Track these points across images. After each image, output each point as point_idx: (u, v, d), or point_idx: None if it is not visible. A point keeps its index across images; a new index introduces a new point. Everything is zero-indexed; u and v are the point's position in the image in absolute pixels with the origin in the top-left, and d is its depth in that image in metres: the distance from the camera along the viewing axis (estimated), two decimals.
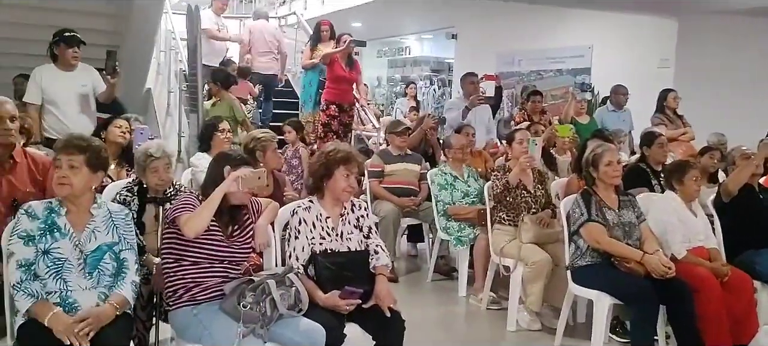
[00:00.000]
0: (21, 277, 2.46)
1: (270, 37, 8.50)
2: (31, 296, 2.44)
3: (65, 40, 4.72)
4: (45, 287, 2.50)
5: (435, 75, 14.76)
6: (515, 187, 4.35)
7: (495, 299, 4.64)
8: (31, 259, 2.49)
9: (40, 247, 2.51)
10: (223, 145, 4.41)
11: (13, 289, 2.45)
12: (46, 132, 4.76)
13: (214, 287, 2.71)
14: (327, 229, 3.02)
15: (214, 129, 4.55)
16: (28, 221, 2.52)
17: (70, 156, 2.56)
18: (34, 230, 2.52)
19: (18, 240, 2.50)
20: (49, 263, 2.51)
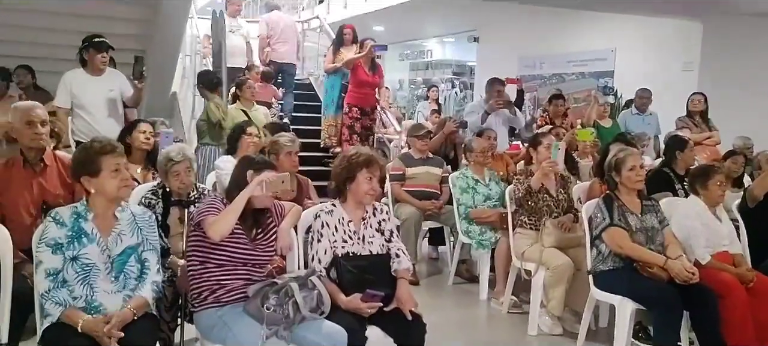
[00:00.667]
0: (49, 286, 2.51)
1: (286, 26, 8.71)
2: (60, 304, 2.50)
3: (95, 45, 4.81)
4: (72, 293, 2.55)
5: (457, 78, 14.75)
6: (538, 191, 4.34)
7: (516, 303, 4.63)
8: (58, 267, 2.54)
9: (69, 254, 2.55)
10: (249, 149, 4.46)
11: (42, 298, 2.49)
12: (75, 135, 4.87)
13: (238, 289, 2.75)
14: (349, 232, 3.05)
15: (242, 132, 4.60)
16: (56, 229, 2.56)
17: (122, 159, 2.67)
18: (62, 238, 2.55)
19: (46, 249, 2.53)
20: (77, 269, 2.56)
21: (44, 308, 2.50)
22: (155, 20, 6.63)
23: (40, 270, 2.52)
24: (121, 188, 2.66)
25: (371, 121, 7.38)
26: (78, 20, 6.30)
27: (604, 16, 9.51)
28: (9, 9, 6.26)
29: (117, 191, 2.65)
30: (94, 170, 2.60)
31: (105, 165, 2.61)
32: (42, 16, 6.36)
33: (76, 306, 2.53)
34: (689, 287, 3.42)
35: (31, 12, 6.31)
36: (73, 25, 6.22)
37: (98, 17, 6.33)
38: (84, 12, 6.35)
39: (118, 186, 2.64)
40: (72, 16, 6.35)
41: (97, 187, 2.62)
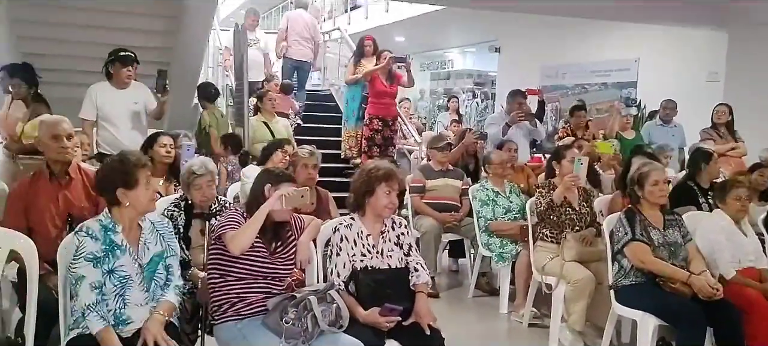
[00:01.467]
0: (95, 299, 2.53)
1: (306, 26, 8.84)
2: (103, 319, 2.52)
3: (120, 59, 4.90)
4: (106, 306, 2.58)
5: (478, 88, 14.71)
6: (560, 205, 4.31)
7: (537, 316, 4.60)
8: (101, 280, 2.57)
9: (105, 268, 2.58)
10: (279, 164, 4.50)
11: (88, 309, 2.51)
12: (100, 147, 4.95)
13: (258, 302, 2.77)
14: (368, 246, 3.06)
15: (278, 148, 4.64)
16: (92, 243, 2.58)
17: (149, 172, 2.71)
18: (99, 252, 2.58)
19: (86, 263, 2.55)
20: (115, 282, 2.59)
21: (86, 319, 2.51)
22: (178, 33, 6.73)
23: (85, 284, 2.52)
24: (151, 200, 2.71)
25: (392, 133, 7.38)
26: (103, 33, 6.42)
27: (627, 26, 9.43)
28: (36, 22, 6.41)
29: (148, 203, 2.70)
30: (131, 183, 2.64)
31: (141, 178, 2.65)
32: (69, 29, 6.49)
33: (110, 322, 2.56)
34: (713, 303, 3.36)
35: (57, 25, 6.45)
36: (99, 37, 6.35)
37: (122, 30, 6.44)
38: (109, 25, 6.46)
39: (149, 198, 2.69)
40: (97, 28, 6.47)
41: (132, 199, 2.65)
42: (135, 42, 5.76)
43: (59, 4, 6.22)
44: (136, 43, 5.64)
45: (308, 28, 8.86)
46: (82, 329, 2.54)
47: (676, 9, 7.70)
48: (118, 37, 6.04)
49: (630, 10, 7.80)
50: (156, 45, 6.82)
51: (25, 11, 6.26)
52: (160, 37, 6.86)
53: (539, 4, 7.72)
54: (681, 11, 7.78)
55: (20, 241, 2.78)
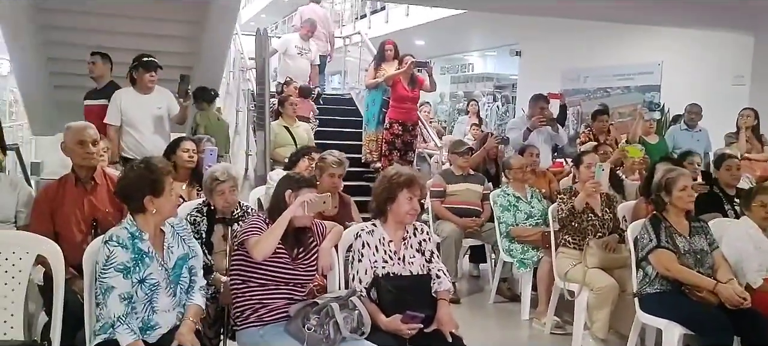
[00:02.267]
0: (125, 311, 2.53)
1: (320, 20, 9.05)
2: (133, 332, 2.52)
3: (144, 64, 4.96)
4: (134, 312, 2.60)
5: (498, 92, 14.66)
6: (581, 211, 4.27)
7: (559, 324, 4.55)
8: (130, 292, 2.57)
9: (135, 277, 2.59)
10: (305, 172, 4.51)
11: (118, 321, 2.52)
12: (124, 152, 5.01)
13: (280, 308, 2.78)
14: (389, 252, 3.05)
15: (304, 155, 4.67)
16: (122, 253, 2.58)
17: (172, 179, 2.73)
18: (129, 261, 2.58)
19: (116, 274, 2.55)
20: (146, 291, 2.61)
21: (116, 331, 2.51)
22: (201, 38, 6.79)
23: (114, 294, 2.52)
24: (174, 206, 2.73)
25: (412, 137, 7.36)
26: (127, 38, 6.50)
27: (650, 29, 9.34)
28: (62, 28, 6.51)
29: (173, 210, 2.73)
30: (158, 190, 2.64)
31: (167, 185, 2.67)
32: (93, 35, 6.58)
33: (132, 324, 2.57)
34: (740, 312, 3.30)
35: (82, 31, 6.54)
36: (123, 43, 6.42)
37: (146, 36, 6.52)
38: (133, 30, 6.54)
39: (173, 204, 2.72)
40: (121, 34, 6.56)
41: (158, 206, 2.65)
42: (158, 47, 5.83)
43: (84, 10, 6.31)
44: (160, 49, 5.70)
45: (322, 22, 9.02)
46: (108, 335, 2.56)
47: (701, 12, 7.59)
48: (141, 43, 6.13)
49: (654, 14, 7.72)
50: (179, 50, 6.89)
51: (51, 17, 6.36)
52: (183, 43, 6.93)
53: (561, 7, 7.67)
54: (706, 14, 7.67)
55: (47, 246, 2.82)
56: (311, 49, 8.49)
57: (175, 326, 2.68)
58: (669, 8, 7.54)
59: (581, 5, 7.46)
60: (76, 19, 6.44)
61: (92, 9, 6.31)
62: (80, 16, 6.40)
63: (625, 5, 7.40)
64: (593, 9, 7.59)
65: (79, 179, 3.36)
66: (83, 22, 6.45)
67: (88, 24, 6.47)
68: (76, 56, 6.85)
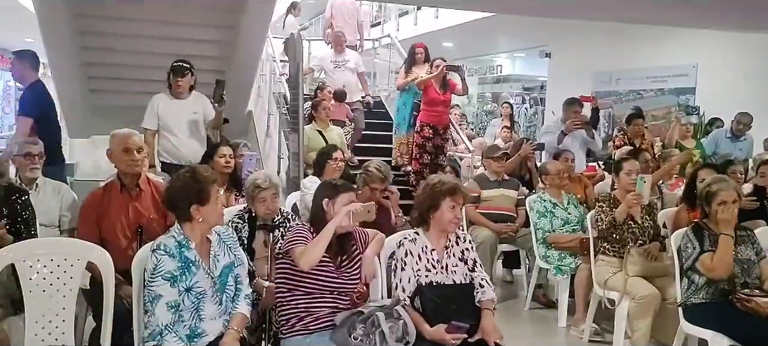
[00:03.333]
0: (172, 319, 2.57)
1: (350, 11, 9.11)
2: (181, 340, 2.56)
3: (174, 70, 5.00)
4: (182, 321, 2.63)
5: (527, 93, 14.54)
6: (622, 222, 4.20)
7: (597, 332, 4.50)
8: (178, 300, 2.60)
9: (182, 286, 2.62)
10: (334, 173, 4.53)
11: (166, 329, 2.55)
12: (161, 156, 5.06)
13: (325, 316, 2.79)
14: (432, 261, 3.04)
15: (328, 157, 4.68)
16: (170, 261, 2.60)
17: (218, 186, 2.74)
18: (176, 270, 2.61)
19: (164, 282, 2.58)
20: (193, 299, 2.63)
21: (164, 339, 2.55)
22: (235, 43, 6.83)
23: (162, 303, 2.56)
24: (221, 214, 2.75)
25: (443, 141, 7.34)
26: (162, 43, 6.57)
27: (685, 30, 9.18)
28: (99, 33, 6.60)
29: (219, 218, 2.75)
30: (204, 199, 2.66)
31: (213, 193, 2.68)
32: (129, 39, 6.66)
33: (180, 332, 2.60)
34: None
35: (118, 36, 6.62)
36: (158, 47, 6.50)
37: (181, 40, 6.57)
38: (168, 35, 6.61)
39: (220, 213, 2.74)
40: (157, 38, 6.62)
41: (204, 215, 2.67)
42: (192, 52, 5.87)
43: (121, 16, 6.39)
44: (194, 53, 5.75)
45: (352, 13, 9.10)
46: (156, 342, 2.58)
47: (739, 13, 7.44)
48: (176, 47, 6.18)
49: (689, 16, 7.57)
50: (212, 55, 6.94)
51: (89, 23, 6.46)
52: (216, 47, 6.98)
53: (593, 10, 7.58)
54: (745, 15, 7.51)
55: (98, 253, 2.86)
56: (349, 58, 8.26)
57: (221, 333, 2.71)
58: (705, 10, 7.39)
59: (614, 8, 7.36)
60: (112, 24, 6.52)
61: (128, 15, 6.39)
62: (117, 21, 6.48)
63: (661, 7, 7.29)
64: (627, 11, 7.48)
65: (124, 186, 3.40)
66: (119, 28, 6.53)
67: (124, 29, 6.54)
68: (111, 61, 6.97)
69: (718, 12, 7.34)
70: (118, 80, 7.21)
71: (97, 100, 7.38)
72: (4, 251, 2.77)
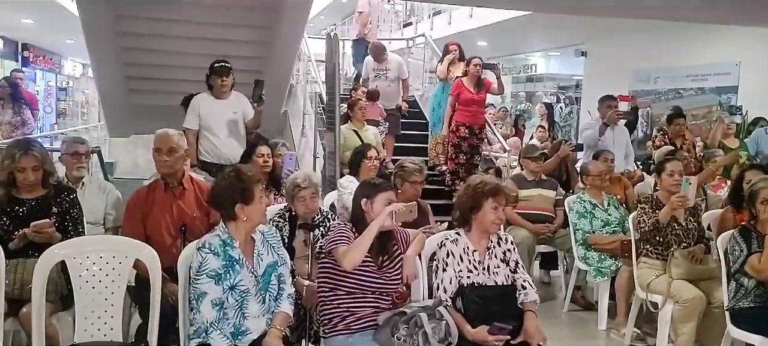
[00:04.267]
0: (216, 317, 2.61)
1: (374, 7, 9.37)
2: (226, 338, 2.60)
3: (216, 70, 5.06)
4: (226, 319, 2.66)
5: (562, 92, 14.38)
6: (666, 225, 4.12)
7: (639, 335, 4.42)
8: (222, 298, 2.64)
9: (226, 284, 2.65)
10: (370, 172, 4.54)
11: (211, 326, 2.59)
12: (202, 156, 5.12)
13: (367, 316, 2.80)
14: (474, 262, 3.02)
15: (363, 156, 4.69)
16: (214, 259, 2.64)
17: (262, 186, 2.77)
18: (220, 268, 2.65)
19: (208, 280, 2.62)
20: (236, 298, 2.67)
21: (210, 336, 2.59)
22: (271, 43, 6.90)
23: (207, 301, 2.60)
24: (264, 213, 2.77)
25: (478, 141, 7.30)
26: (200, 44, 6.66)
27: (727, 28, 8.96)
28: (139, 34, 6.73)
29: (262, 217, 2.77)
30: (248, 198, 2.69)
31: (256, 193, 2.71)
32: (168, 40, 6.78)
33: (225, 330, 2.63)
34: None
35: (158, 37, 6.74)
36: (197, 48, 6.59)
37: (219, 41, 6.65)
38: (206, 36, 6.70)
39: (263, 212, 2.76)
40: (195, 39, 6.73)
41: (248, 214, 2.69)
42: (230, 52, 5.94)
43: (160, 17, 6.50)
44: (231, 53, 5.81)
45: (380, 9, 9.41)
46: (202, 339, 2.63)
47: None
48: (214, 48, 6.26)
49: (731, 13, 7.40)
50: (250, 55, 7.01)
51: (130, 24, 6.58)
52: (253, 48, 7.05)
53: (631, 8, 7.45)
54: None
55: (145, 251, 2.92)
56: (390, 67, 8.07)
57: (264, 332, 2.74)
58: (748, 7, 7.22)
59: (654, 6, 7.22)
60: (152, 25, 6.64)
61: (167, 16, 6.49)
62: (156, 22, 6.60)
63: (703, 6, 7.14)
64: (666, 10, 7.33)
65: (168, 185, 3.45)
66: (159, 29, 6.65)
67: (163, 30, 6.66)
68: (150, 61, 7.10)
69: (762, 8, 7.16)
70: (156, 80, 7.33)
71: (135, 100, 7.53)
72: (56, 248, 2.84)
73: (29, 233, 3.06)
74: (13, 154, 3.16)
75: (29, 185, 3.19)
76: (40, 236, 3.06)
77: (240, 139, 5.21)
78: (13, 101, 8.04)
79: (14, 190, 3.21)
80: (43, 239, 3.05)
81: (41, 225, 3.07)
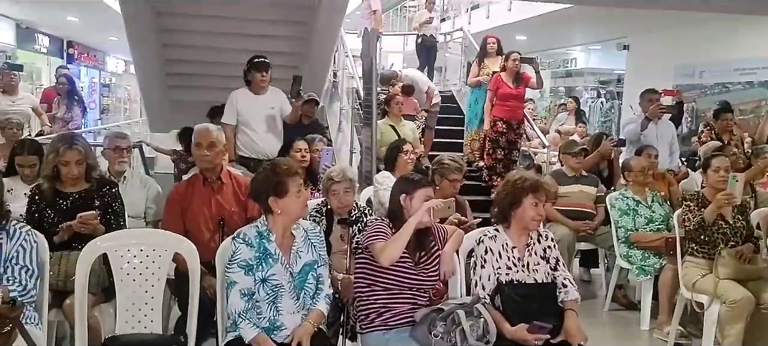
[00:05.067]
0: (245, 306, 2.63)
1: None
2: (256, 326, 2.62)
3: (255, 66, 5.10)
4: (259, 313, 2.67)
5: (602, 87, 14.10)
6: (712, 223, 3.99)
7: (683, 335, 4.30)
8: (252, 288, 2.66)
9: (258, 275, 2.67)
10: (405, 166, 4.52)
11: (239, 317, 2.61)
12: (240, 150, 5.17)
13: (404, 313, 2.77)
14: (513, 259, 2.97)
15: (399, 151, 4.66)
16: (247, 250, 2.67)
17: (301, 180, 2.77)
18: (252, 259, 2.67)
19: (239, 270, 2.65)
20: (268, 291, 2.68)
21: (239, 327, 2.61)
22: (308, 39, 6.91)
23: (235, 290, 2.63)
24: (303, 207, 2.76)
25: (517, 136, 7.21)
26: (239, 39, 6.71)
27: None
28: (180, 31, 6.81)
29: (300, 210, 2.76)
30: (282, 191, 2.69)
31: (291, 186, 2.70)
32: (208, 36, 6.84)
33: (259, 324, 2.64)
34: None
35: (198, 33, 6.81)
36: (235, 44, 6.64)
37: (257, 37, 6.70)
38: (245, 32, 6.75)
39: (301, 206, 2.75)
40: (234, 35, 6.78)
41: (283, 207, 2.70)
42: (267, 48, 5.97)
43: (199, 13, 6.57)
44: (269, 49, 5.84)
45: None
46: (236, 332, 2.64)
47: None
48: (252, 43, 6.30)
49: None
50: (287, 50, 7.04)
51: (171, 21, 6.67)
52: (291, 43, 7.07)
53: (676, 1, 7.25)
54: None
55: (184, 245, 2.95)
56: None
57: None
58: None
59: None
60: (191, 22, 6.72)
61: (207, 12, 6.56)
62: (196, 19, 6.66)
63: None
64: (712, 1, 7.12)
65: (207, 179, 3.48)
66: (198, 25, 6.71)
67: (203, 26, 6.73)
68: (190, 57, 7.17)
69: None
70: (195, 76, 7.41)
71: (175, 95, 7.63)
72: (98, 241, 2.89)
73: (75, 225, 3.12)
74: (58, 148, 3.23)
75: (73, 178, 3.25)
76: (86, 228, 3.12)
77: (277, 134, 5.24)
78: (68, 98, 8.25)
79: (58, 183, 3.28)
80: (87, 231, 3.11)
81: (87, 216, 3.12)
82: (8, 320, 2.39)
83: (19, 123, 6.05)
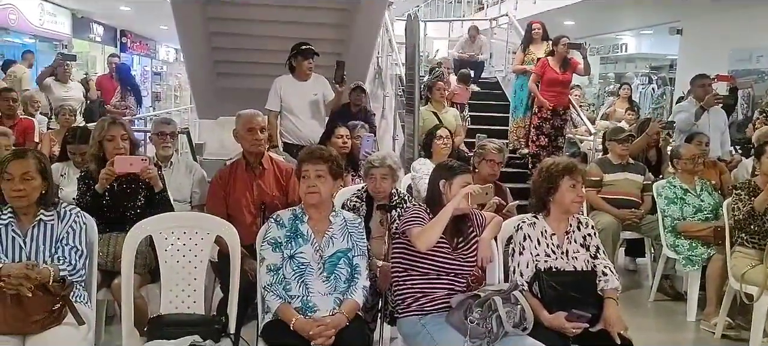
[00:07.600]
0: (270, 280, 2.74)
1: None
2: (279, 297, 2.71)
3: (302, 52, 5.15)
4: (289, 291, 2.74)
5: (654, 73, 13.69)
6: (763, 212, 3.85)
7: (731, 327, 4.17)
8: (278, 264, 2.77)
9: (287, 253, 2.77)
10: (441, 152, 4.50)
11: (264, 290, 2.74)
12: (284, 137, 5.25)
13: (441, 298, 2.77)
14: (552, 246, 2.94)
15: (433, 137, 4.65)
16: (277, 229, 2.81)
17: (317, 166, 2.80)
18: (281, 238, 2.79)
19: (267, 246, 2.79)
20: (294, 268, 2.77)
21: (266, 300, 2.73)
22: (352, 25, 6.94)
23: (263, 266, 2.77)
24: (305, 192, 2.81)
25: (562, 122, 7.09)
26: (283, 27, 6.79)
27: None
28: (226, 19, 6.93)
29: (304, 195, 2.83)
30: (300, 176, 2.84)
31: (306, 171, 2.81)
32: (253, 24, 6.94)
33: (292, 304, 2.70)
34: None
35: (243, 21, 6.92)
36: (279, 31, 6.72)
37: (301, 24, 6.76)
38: (289, 19, 6.82)
39: (304, 191, 2.82)
40: (278, 23, 6.86)
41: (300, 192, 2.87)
42: (311, 35, 6.02)
43: (245, 2, 6.67)
44: (312, 36, 5.88)
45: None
46: (273, 314, 2.71)
47: None
48: (296, 31, 6.37)
49: None
50: (330, 37, 7.08)
51: (218, 10, 6.79)
52: (334, 30, 7.12)
53: None
54: None
55: (226, 228, 3.02)
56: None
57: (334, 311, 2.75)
58: None
59: None
60: (237, 10, 6.82)
61: (252, 0, 6.66)
62: (242, 7, 6.77)
63: None
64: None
65: (249, 164, 3.55)
66: (244, 13, 6.82)
67: (248, 15, 6.82)
68: (236, 45, 7.29)
69: None
70: (241, 64, 7.53)
71: (222, 83, 7.77)
72: (143, 223, 2.98)
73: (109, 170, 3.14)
74: (103, 124, 3.32)
75: (120, 155, 3.31)
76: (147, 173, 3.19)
77: (320, 120, 5.29)
78: (122, 87, 8.50)
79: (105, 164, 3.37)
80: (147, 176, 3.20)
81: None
82: (58, 298, 2.51)
83: (72, 109, 6.29)
